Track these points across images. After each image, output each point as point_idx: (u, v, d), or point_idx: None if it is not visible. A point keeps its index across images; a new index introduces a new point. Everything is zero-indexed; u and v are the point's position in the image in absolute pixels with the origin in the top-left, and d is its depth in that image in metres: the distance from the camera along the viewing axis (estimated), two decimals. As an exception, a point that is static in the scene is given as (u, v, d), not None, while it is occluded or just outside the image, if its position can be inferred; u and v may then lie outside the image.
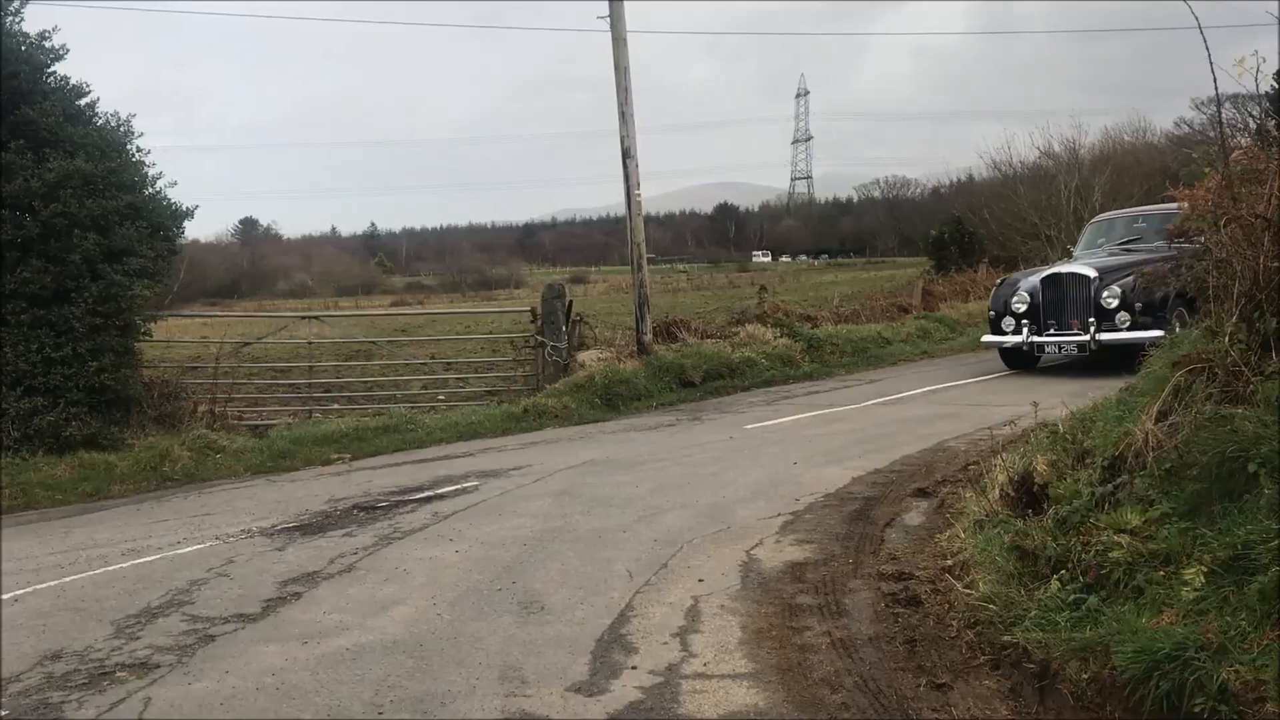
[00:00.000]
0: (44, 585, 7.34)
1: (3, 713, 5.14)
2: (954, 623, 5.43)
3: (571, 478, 9.89)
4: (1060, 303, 15.59)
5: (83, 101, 13.22)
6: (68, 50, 13.15)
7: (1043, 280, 15.90)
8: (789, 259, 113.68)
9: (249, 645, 5.81)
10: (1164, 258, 14.56)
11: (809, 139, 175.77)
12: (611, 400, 15.04)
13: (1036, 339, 15.64)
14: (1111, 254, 16.51)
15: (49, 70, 13.00)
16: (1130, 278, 14.26)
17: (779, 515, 8.01)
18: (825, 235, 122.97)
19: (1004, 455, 7.63)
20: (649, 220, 16.59)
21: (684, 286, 56.33)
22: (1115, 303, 14.79)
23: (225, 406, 14.36)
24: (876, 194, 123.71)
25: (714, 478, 9.50)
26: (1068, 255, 19.62)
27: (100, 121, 13.27)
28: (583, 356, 16.53)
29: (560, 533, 7.84)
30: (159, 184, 13.59)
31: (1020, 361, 16.31)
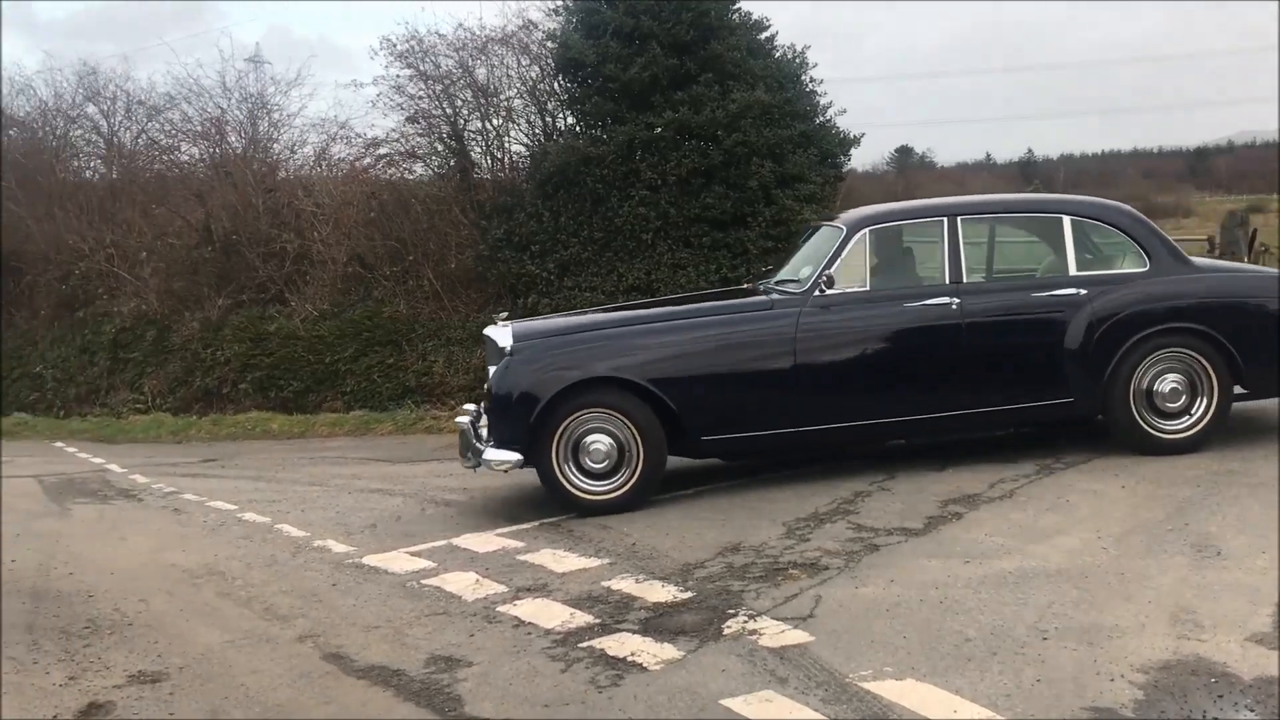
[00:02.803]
0: (722, 484, 8.02)
1: (687, 594, 5.67)
2: None
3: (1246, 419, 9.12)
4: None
5: (762, 35, 14.04)
6: (751, -14, 14.03)
7: None
8: None
9: (911, 557, 5.97)
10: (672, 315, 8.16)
11: None
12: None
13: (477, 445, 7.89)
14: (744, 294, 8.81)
15: (734, 7, 13.91)
16: (533, 350, 7.72)
17: None
18: None
19: None
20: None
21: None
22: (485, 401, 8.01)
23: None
24: None
25: None
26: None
27: (778, 54, 14.04)
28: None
29: (1236, 476, 7.25)
30: (829, 113, 14.19)
31: None
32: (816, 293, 7.80)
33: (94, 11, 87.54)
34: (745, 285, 10.17)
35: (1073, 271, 7.99)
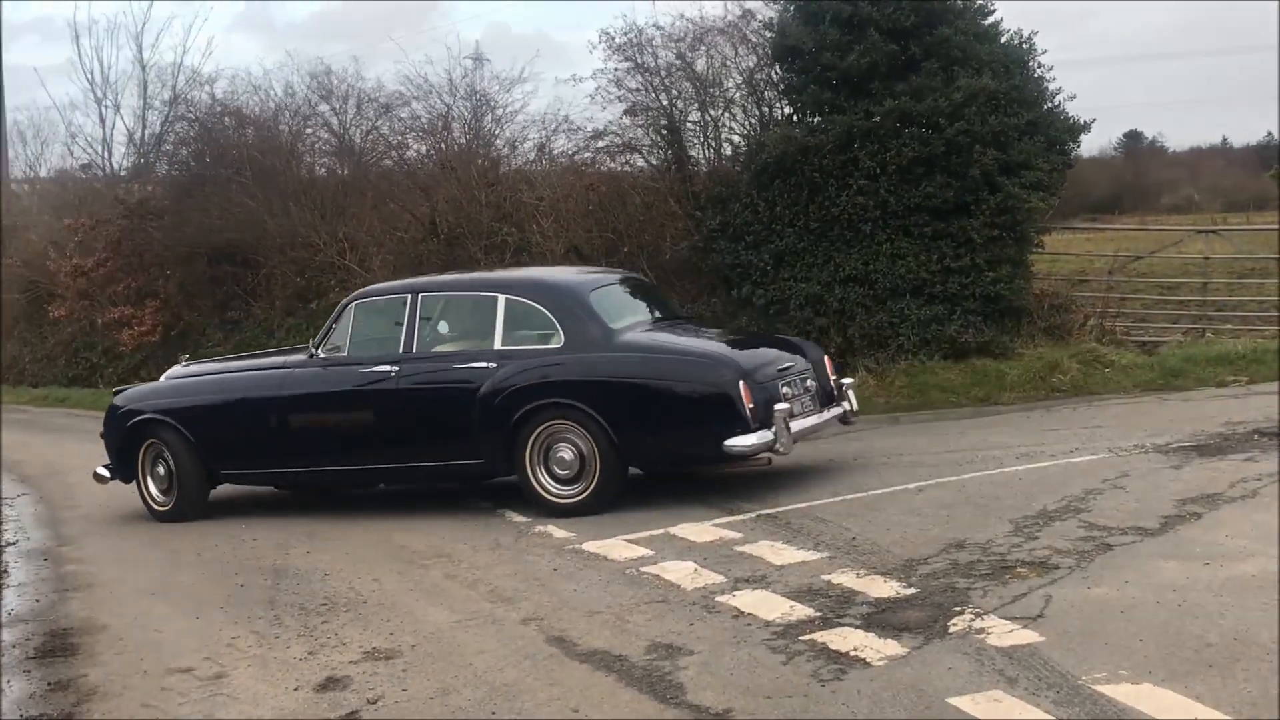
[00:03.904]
0: (945, 480, 7.87)
1: (910, 590, 5.58)
2: None
3: None
4: None
5: (987, 21, 13.66)
6: (975, -30, 13.65)
7: None
8: None
9: (1147, 558, 5.74)
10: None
11: None
12: None
13: None
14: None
15: (956, -9, 13.59)
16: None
17: None
18: None
19: None
20: None
21: None
22: None
23: (1114, 321, 14.23)
24: None
25: None
26: None
27: (1004, 39, 13.65)
28: None
29: None
30: (1057, 99, 13.75)
31: None
32: (312, 355, 9.13)
33: (326, 12, 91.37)
34: None
35: (496, 346, 8.47)
